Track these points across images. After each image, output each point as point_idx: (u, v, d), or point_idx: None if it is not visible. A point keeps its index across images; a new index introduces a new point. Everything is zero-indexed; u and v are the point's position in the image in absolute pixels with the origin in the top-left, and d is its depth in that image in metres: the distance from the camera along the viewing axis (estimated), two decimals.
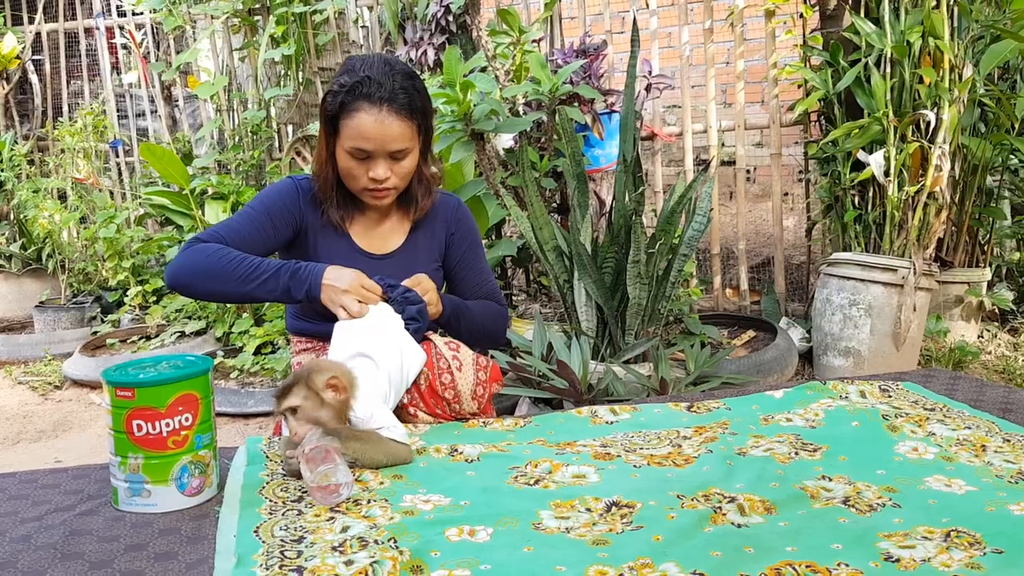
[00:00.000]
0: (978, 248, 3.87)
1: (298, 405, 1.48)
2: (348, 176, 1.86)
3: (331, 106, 1.83)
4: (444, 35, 3.63)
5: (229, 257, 1.77)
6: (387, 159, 1.83)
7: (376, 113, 1.79)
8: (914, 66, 3.34)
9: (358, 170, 1.84)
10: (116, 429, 1.37)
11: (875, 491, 1.38)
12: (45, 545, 1.26)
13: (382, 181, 1.84)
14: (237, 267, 1.76)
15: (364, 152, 1.81)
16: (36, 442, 3.41)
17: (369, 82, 1.80)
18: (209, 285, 1.78)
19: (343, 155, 1.84)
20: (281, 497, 1.40)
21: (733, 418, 1.77)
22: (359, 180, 1.85)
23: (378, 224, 1.99)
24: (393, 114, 1.80)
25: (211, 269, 1.76)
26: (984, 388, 1.92)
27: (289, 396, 1.49)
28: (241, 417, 3.51)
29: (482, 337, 2.05)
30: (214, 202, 4.44)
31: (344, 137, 1.82)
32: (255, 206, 1.91)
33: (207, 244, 1.80)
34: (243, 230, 1.86)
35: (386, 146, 1.81)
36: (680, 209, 3.01)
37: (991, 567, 1.11)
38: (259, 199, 1.93)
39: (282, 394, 1.50)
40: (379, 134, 1.80)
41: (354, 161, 1.83)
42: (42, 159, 5.75)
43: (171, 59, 5.35)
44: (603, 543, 1.21)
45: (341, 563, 1.15)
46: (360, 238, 1.97)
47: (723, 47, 5.48)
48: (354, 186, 1.87)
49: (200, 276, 1.77)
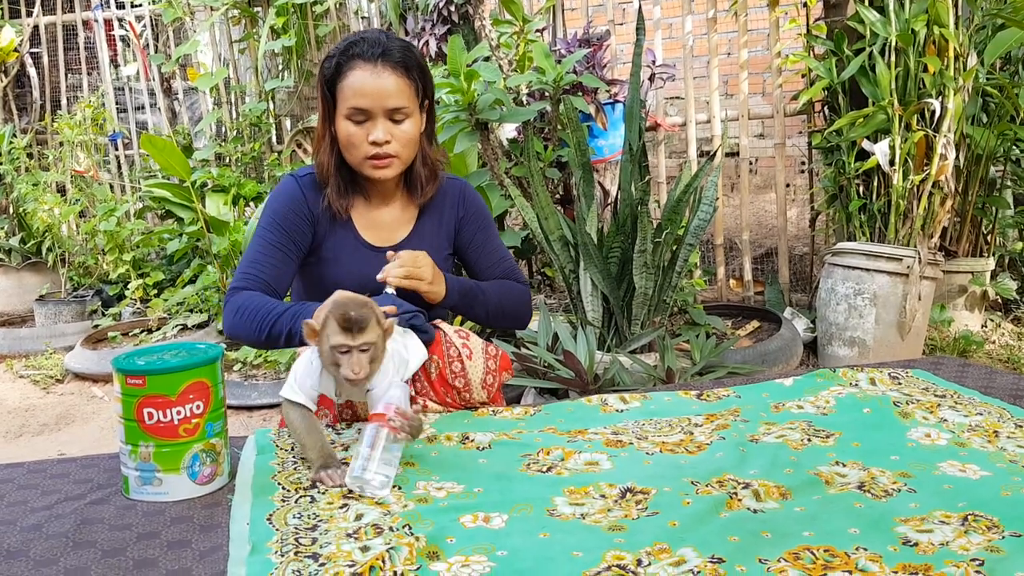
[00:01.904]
0: (981, 238, 3.86)
1: (374, 341, 1.43)
2: (348, 146, 1.80)
3: (328, 71, 1.80)
4: (446, 25, 3.61)
5: (249, 313, 1.72)
6: (386, 121, 1.77)
7: (371, 68, 1.76)
8: (919, 55, 3.32)
9: (357, 135, 1.78)
10: (126, 417, 1.37)
11: (890, 476, 1.37)
12: (57, 534, 1.25)
13: (382, 144, 1.77)
14: (254, 322, 1.71)
15: (362, 112, 1.76)
16: (39, 435, 3.40)
17: (363, 41, 1.79)
18: (251, 342, 1.78)
19: (342, 123, 1.79)
20: (294, 484, 1.39)
21: (743, 406, 1.76)
22: (359, 148, 1.79)
23: (382, 213, 1.92)
24: (388, 68, 1.76)
25: (241, 330, 1.73)
26: (994, 375, 1.92)
27: (368, 331, 1.42)
28: (245, 410, 3.50)
29: (503, 317, 1.98)
30: (215, 195, 4.43)
31: (341, 100, 1.78)
32: (268, 226, 1.84)
33: (237, 296, 1.76)
34: (268, 259, 1.81)
35: (384, 102, 1.76)
36: (686, 199, 3.00)
37: (1011, 550, 1.11)
38: (269, 216, 1.85)
39: (359, 328, 1.41)
40: (375, 89, 1.75)
41: (353, 126, 1.78)
42: (41, 152, 5.73)
43: (170, 51, 5.33)
44: (619, 529, 1.21)
45: (357, 548, 1.14)
46: (365, 230, 1.90)
47: (726, 37, 5.47)
48: (355, 157, 1.81)
49: (240, 336, 1.75)
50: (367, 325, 1.42)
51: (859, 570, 1.07)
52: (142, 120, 5.93)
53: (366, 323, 1.42)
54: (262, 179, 4.84)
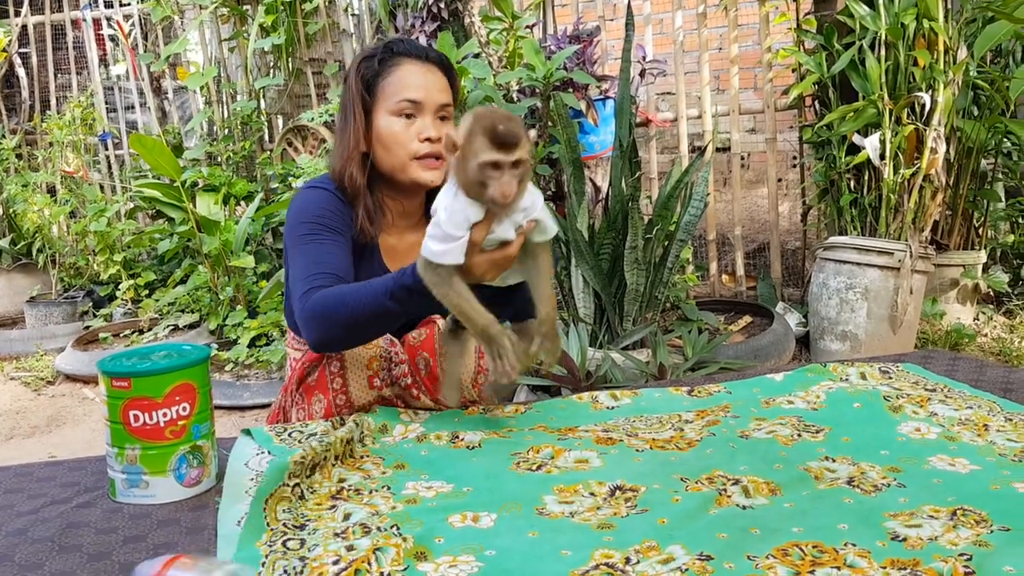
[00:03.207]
0: (973, 231, 3.87)
1: (527, 159, 1.32)
2: (394, 144, 1.68)
3: (368, 70, 1.72)
4: (436, 22, 3.60)
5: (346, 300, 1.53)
6: (435, 118, 1.70)
7: (420, 63, 1.71)
8: (908, 48, 3.33)
9: (405, 133, 1.68)
10: (112, 420, 1.36)
11: (879, 471, 1.37)
12: (42, 538, 1.24)
13: (435, 141, 1.67)
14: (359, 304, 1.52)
15: (413, 104, 1.68)
16: (29, 437, 3.39)
17: (401, 42, 1.74)
18: (358, 327, 1.56)
19: (386, 121, 1.69)
20: (295, 479, 1.38)
21: (734, 401, 1.76)
22: (407, 146, 1.68)
23: (402, 238, 1.82)
24: (434, 65, 1.72)
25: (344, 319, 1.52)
26: (984, 368, 1.92)
27: (521, 146, 1.31)
28: (237, 410, 3.50)
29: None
30: (205, 194, 4.42)
31: (386, 96, 1.70)
32: (307, 231, 1.66)
33: (315, 295, 1.55)
34: (329, 255, 1.63)
35: (435, 96, 1.70)
36: (676, 195, 3.00)
37: (999, 544, 1.10)
38: (304, 221, 1.67)
39: (509, 143, 1.30)
40: (427, 81, 1.70)
41: (401, 122, 1.68)
42: (31, 153, 5.71)
43: (159, 50, 5.31)
44: (608, 527, 1.20)
45: (343, 547, 1.13)
46: (387, 255, 1.80)
47: (716, 32, 5.46)
48: (400, 157, 1.69)
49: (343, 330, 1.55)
50: (520, 139, 1.31)
51: (847, 566, 1.07)
52: (132, 119, 5.92)
53: (519, 137, 1.31)
54: (253, 178, 4.82)
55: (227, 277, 4.24)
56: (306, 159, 4.03)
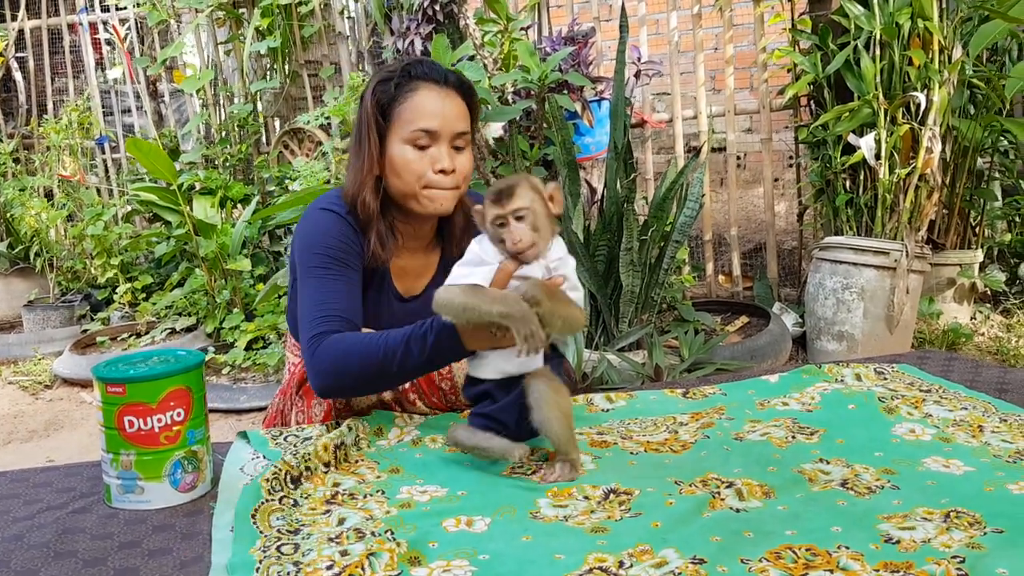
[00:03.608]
0: (969, 230, 3.88)
1: (528, 207, 1.38)
2: (406, 172, 1.63)
3: (383, 94, 1.65)
4: (431, 24, 3.60)
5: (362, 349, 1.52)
6: (449, 148, 1.64)
7: (438, 89, 1.64)
8: (903, 48, 3.33)
9: (418, 163, 1.62)
10: (107, 425, 1.36)
11: (873, 473, 1.37)
12: (38, 544, 1.25)
13: (449, 173, 1.63)
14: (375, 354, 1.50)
15: (428, 134, 1.62)
16: (27, 442, 3.39)
17: (420, 64, 1.66)
18: (371, 380, 1.56)
19: (399, 148, 1.63)
20: (279, 489, 1.38)
21: (729, 403, 1.76)
22: (420, 176, 1.63)
23: (415, 260, 1.79)
24: (454, 90, 1.65)
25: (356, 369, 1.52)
26: (980, 368, 1.92)
27: (515, 197, 1.38)
28: (234, 413, 3.50)
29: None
30: (202, 197, 4.41)
31: (401, 123, 1.63)
32: (319, 263, 1.63)
33: (327, 340, 1.54)
34: (341, 295, 1.61)
35: (452, 124, 1.64)
36: (672, 196, 3.00)
37: (992, 546, 1.11)
38: (316, 252, 1.64)
39: (505, 197, 1.38)
40: (444, 109, 1.63)
41: (415, 152, 1.63)
42: (28, 157, 5.71)
43: (156, 54, 5.31)
44: (602, 530, 1.20)
45: (337, 553, 1.14)
46: (397, 276, 1.77)
47: (711, 33, 5.47)
48: (411, 185, 1.64)
49: (354, 380, 1.55)
50: (515, 191, 1.38)
51: (840, 568, 1.07)
52: (129, 123, 5.91)
53: (513, 189, 1.39)
54: (250, 181, 4.82)
55: (224, 280, 4.24)
56: (302, 162, 4.03)
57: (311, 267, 1.63)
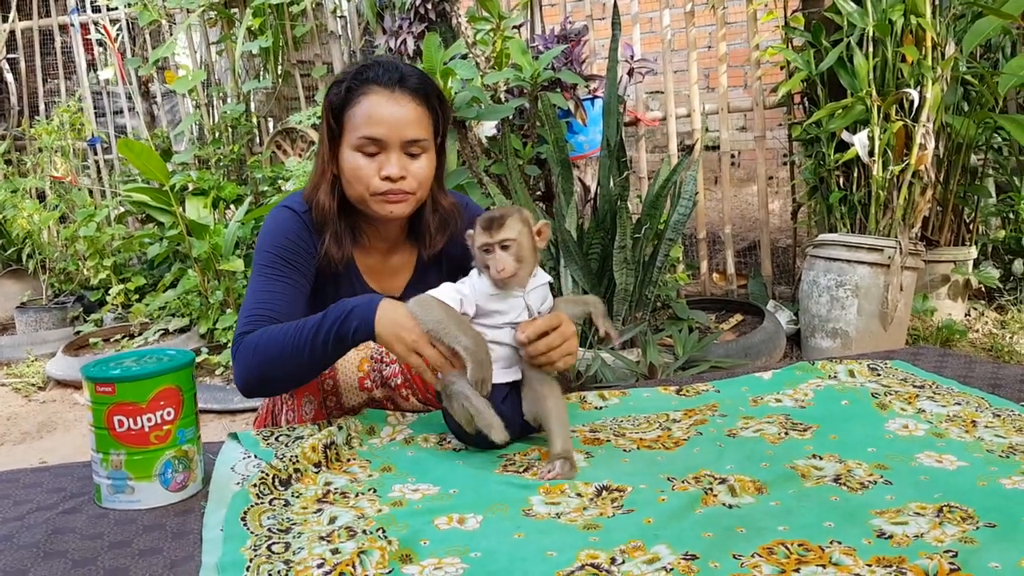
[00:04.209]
0: (963, 227, 3.88)
1: (514, 238, 1.45)
2: (355, 179, 1.61)
3: (335, 97, 1.63)
4: (423, 23, 3.59)
5: (276, 336, 1.51)
6: (401, 154, 1.61)
7: (388, 94, 1.60)
8: (896, 44, 3.33)
9: (367, 169, 1.60)
10: (97, 425, 1.35)
11: (866, 468, 1.37)
12: (27, 544, 1.24)
13: (396, 180, 1.60)
14: (287, 342, 1.50)
15: (375, 142, 1.59)
16: (20, 443, 3.38)
17: (377, 66, 1.63)
18: (279, 378, 1.54)
19: (349, 155, 1.61)
20: (268, 493, 1.37)
21: (722, 400, 1.76)
22: (368, 183, 1.60)
23: (384, 259, 1.77)
24: (407, 95, 1.61)
25: (268, 363, 1.51)
26: (973, 364, 1.92)
27: (504, 228, 1.45)
28: (227, 414, 3.48)
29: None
30: (195, 198, 4.40)
31: (350, 129, 1.61)
32: (268, 261, 1.63)
33: (248, 338, 1.54)
34: (277, 297, 1.60)
35: (401, 131, 1.59)
36: (665, 193, 3.00)
37: (984, 541, 1.10)
38: (270, 252, 1.64)
39: (495, 226, 1.45)
40: (392, 116, 1.59)
41: (363, 158, 1.60)
42: (19, 158, 5.69)
43: (147, 54, 5.29)
44: (594, 527, 1.20)
45: (328, 551, 1.13)
46: (367, 274, 1.76)
47: (705, 31, 5.47)
48: (360, 192, 1.62)
49: (268, 373, 1.53)
50: (505, 222, 1.46)
51: (833, 564, 1.07)
52: (121, 124, 5.89)
53: (504, 220, 1.46)
54: (242, 181, 4.81)
55: (217, 281, 4.22)
56: (295, 162, 4.02)
57: (259, 264, 1.65)
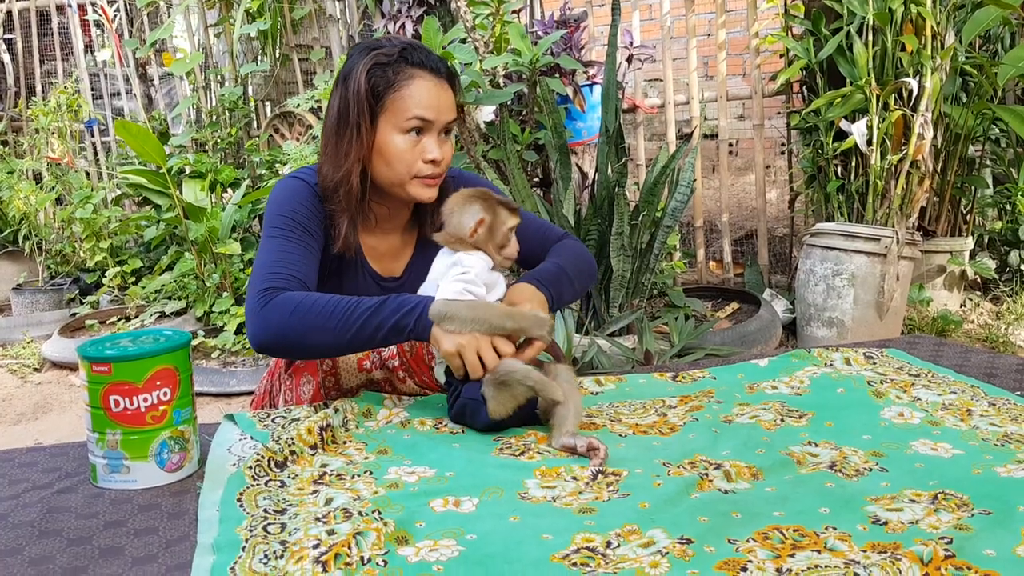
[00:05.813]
0: (960, 217, 3.88)
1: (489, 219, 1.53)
2: (397, 162, 1.61)
3: (380, 80, 1.60)
4: (422, 7, 3.58)
5: (321, 304, 1.49)
6: (438, 137, 1.63)
7: (436, 78, 1.62)
8: (896, 34, 3.32)
9: (411, 152, 1.60)
10: (93, 405, 1.35)
11: (861, 456, 1.37)
12: (22, 523, 1.24)
13: (439, 162, 1.62)
14: (335, 313, 1.48)
15: (424, 124, 1.60)
16: (16, 425, 3.38)
17: (418, 49, 1.62)
18: (311, 346, 1.51)
19: (393, 138, 1.60)
20: (263, 475, 1.37)
21: (718, 387, 1.76)
22: (411, 166, 1.61)
23: (384, 241, 1.76)
24: (445, 81, 1.64)
25: (306, 327, 1.48)
26: (969, 354, 1.92)
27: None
28: (223, 396, 3.49)
29: (582, 286, 1.80)
30: (192, 181, 4.39)
31: (395, 111, 1.60)
32: (284, 224, 1.61)
33: (282, 296, 1.51)
34: (297, 258, 1.58)
35: (446, 116, 1.62)
36: (663, 181, 2.99)
37: (979, 527, 1.11)
38: (282, 215, 1.63)
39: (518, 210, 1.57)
40: (439, 100, 1.61)
41: (408, 140, 1.60)
42: (16, 140, 5.67)
43: (145, 36, 5.27)
44: (590, 511, 1.20)
45: (324, 532, 1.13)
46: (368, 254, 1.75)
47: (704, 18, 5.45)
48: (400, 174, 1.62)
49: (297, 339, 1.50)
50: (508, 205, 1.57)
51: (827, 549, 1.07)
52: (118, 106, 5.87)
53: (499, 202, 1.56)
54: (240, 164, 4.80)
55: (214, 264, 4.22)
56: (292, 145, 4.01)
57: (274, 227, 1.62)
